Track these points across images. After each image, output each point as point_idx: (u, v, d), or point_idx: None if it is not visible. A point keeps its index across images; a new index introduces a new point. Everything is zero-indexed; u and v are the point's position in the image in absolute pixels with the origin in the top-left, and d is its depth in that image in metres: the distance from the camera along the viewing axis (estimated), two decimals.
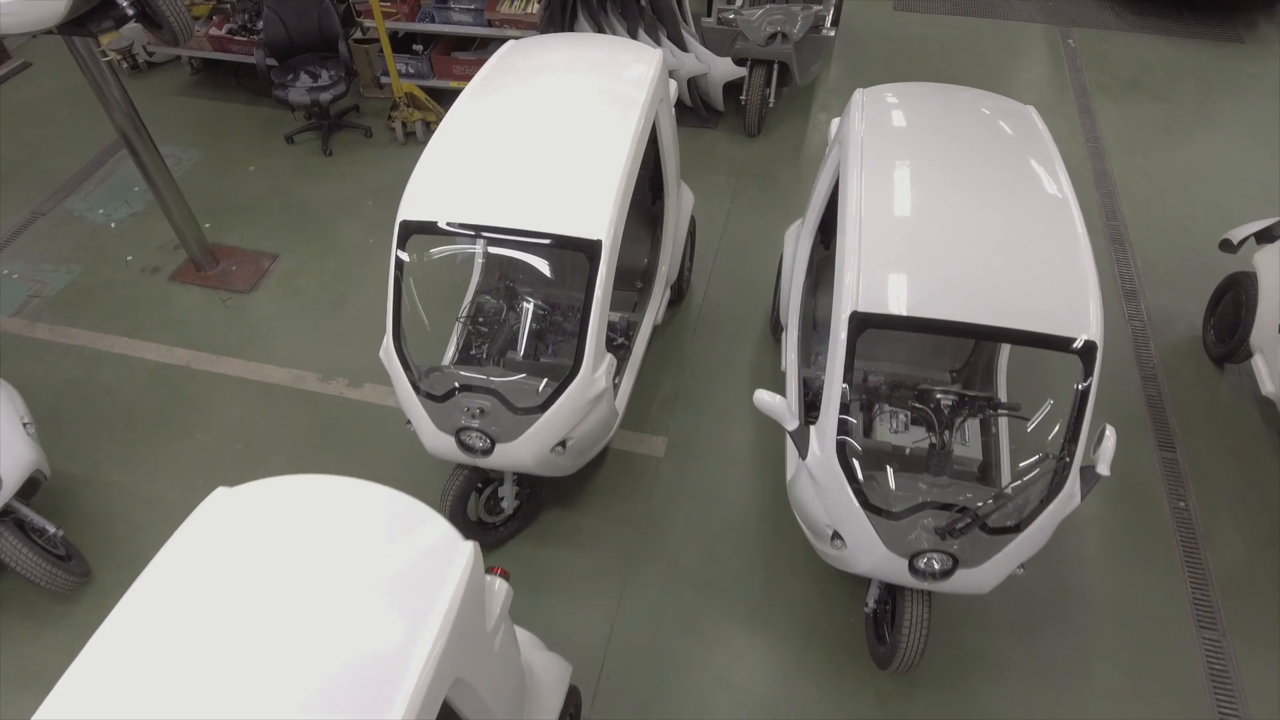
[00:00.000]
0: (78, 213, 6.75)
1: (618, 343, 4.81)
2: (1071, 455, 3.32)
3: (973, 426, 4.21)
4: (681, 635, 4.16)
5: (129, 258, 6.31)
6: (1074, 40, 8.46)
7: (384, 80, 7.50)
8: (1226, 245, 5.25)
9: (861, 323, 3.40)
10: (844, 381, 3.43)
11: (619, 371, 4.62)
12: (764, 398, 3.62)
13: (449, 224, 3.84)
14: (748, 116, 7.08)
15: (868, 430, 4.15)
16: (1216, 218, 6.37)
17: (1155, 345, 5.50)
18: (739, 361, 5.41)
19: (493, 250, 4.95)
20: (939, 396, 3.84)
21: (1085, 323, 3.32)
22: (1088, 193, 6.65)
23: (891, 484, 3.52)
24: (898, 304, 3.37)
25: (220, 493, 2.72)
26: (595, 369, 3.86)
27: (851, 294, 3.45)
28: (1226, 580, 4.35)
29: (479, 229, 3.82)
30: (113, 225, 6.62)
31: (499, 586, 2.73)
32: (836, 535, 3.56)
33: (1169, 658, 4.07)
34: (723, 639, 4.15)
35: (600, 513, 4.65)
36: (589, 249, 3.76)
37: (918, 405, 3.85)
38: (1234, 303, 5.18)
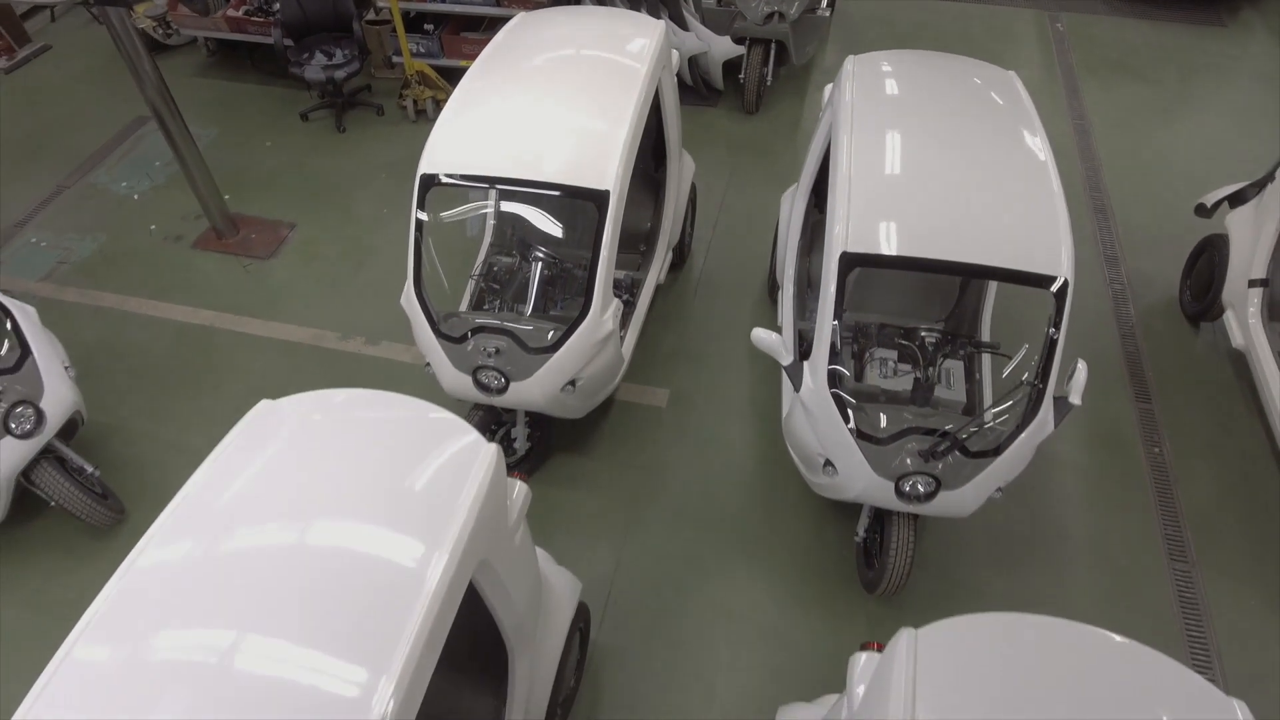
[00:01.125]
0: (101, 185, 7.01)
1: (623, 299, 5.07)
2: (1045, 382, 3.59)
3: (957, 371, 4.47)
4: (683, 568, 4.43)
5: (152, 227, 6.57)
6: (1062, 24, 8.73)
7: (395, 59, 7.76)
8: (1201, 210, 5.52)
9: (850, 262, 3.67)
10: (835, 318, 3.70)
11: (624, 324, 4.89)
12: (761, 335, 3.89)
13: (467, 176, 4.11)
14: (746, 94, 7.35)
15: (859, 376, 4.42)
16: (1196, 190, 6.63)
17: (1134, 306, 5.78)
18: (738, 322, 5.67)
19: (504, 208, 5.21)
20: (923, 334, 4.11)
21: (1057, 262, 3.59)
22: (1073, 167, 6.92)
23: (879, 417, 3.78)
24: (883, 245, 3.64)
25: (265, 404, 2.99)
26: (603, 312, 4.13)
27: (841, 238, 3.72)
28: (1197, 517, 4.62)
29: (495, 180, 4.08)
30: (135, 197, 6.88)
31: (519, 488, 3.00)
32: (828, 463, 3.82)
33: (1141, 586, 4.34)
34: (722, 571, 4.41)
35: (607, 458, 4.92)
36: (598, 198, 4.03)
37: (904, 342, 4.12)
38: (1208, 263, 5.45)
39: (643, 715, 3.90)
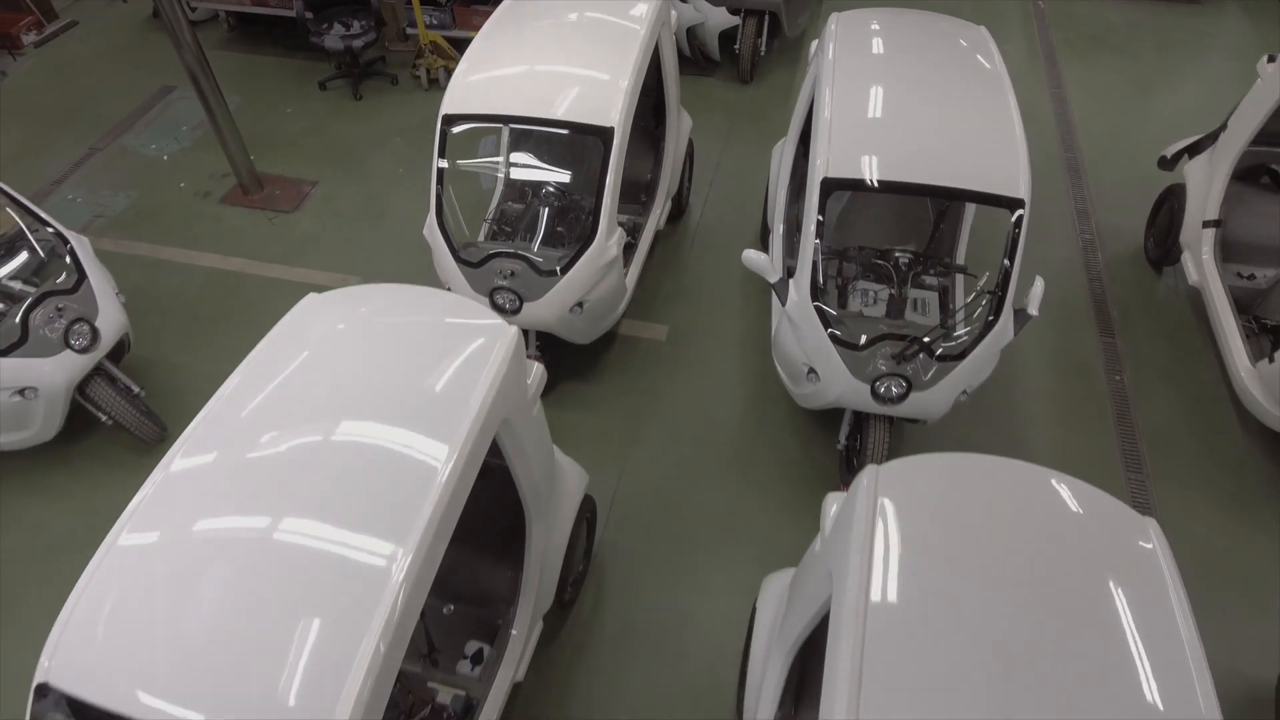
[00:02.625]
0: (131, 148, 7.42)
1: (626, 241, 5.48)
2: (1005, 290, 4.00)
3: (932, 301, 4.88)
4: (680, 478, 4.84)
5: (181, 184, 6.98)
6: (1043, 2, 9.14)
7: (410, 31, 8.18)
8: (1163, 162, 5.94)
9: (829, 186, 4.09)
10: (816, 237, 4.11)
11: (626, 261, 5.30)
12: (751, 255, 4.30)
13: (485, 115, 4.53)
14: (741, 64, 7.76)
15: (841, 305, 4.83)
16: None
17: (1102, 254, 6.19)
18: (732, 267, 6.09)
19: (516, 156, 5.62)
20: (897, 255, 4.52)
21: (1015, 185, 4.01)
22: (1049, 131, 7.33)
23: (856, 327, 4.19)
24: (858, 170, 4.06)
25: (311, 296, 3.41)
26: (608, 238, 4.54)
27: (822, 167, 4.14)
28: (1152, 435, 5.03)
29: (510, 119, 4.50)
30: (165, 158, 7.29)
31: (536, 368, 3.41)
32: (811, 371, 4.24)
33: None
34: (716, 481, 4.82)
35: (610, 384, 5.33)
36: (604, 134, 4.45)
37: (879, 262, 4.53)
38: (1169, 212, 5.86)
39: (643, 599, 4.31)
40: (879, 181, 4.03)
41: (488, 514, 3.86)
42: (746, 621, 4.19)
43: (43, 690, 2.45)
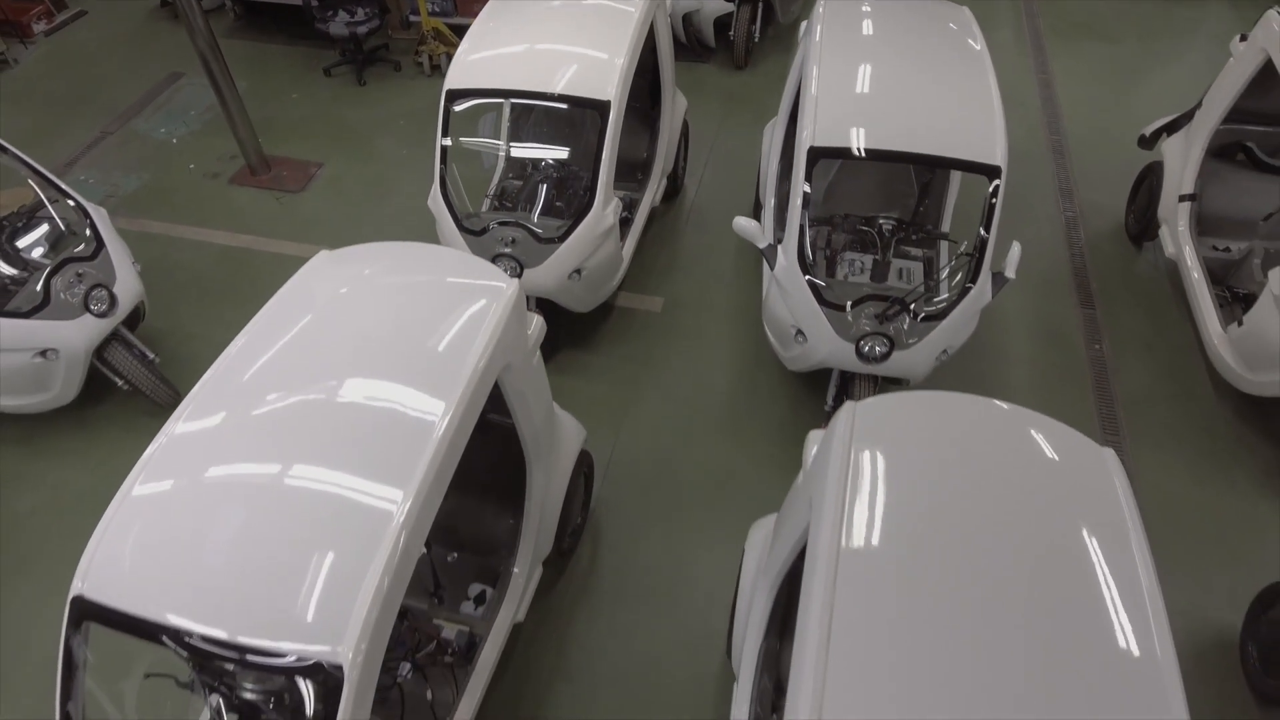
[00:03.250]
0: (141, 131, 7.61)
1: (623, 215, 5.67)
2: (982, 253, 4.20)
3: (916, 270, 5.07)
4: (674, 438, 5.04)
5: (191, 166, 7.18)
6: None
7: (413, 19, 8.38)
8: (1143, 140, 6.13)
9: (816, 155, 4.29)
10: (803, 204, 4.30)
11: (623, 234, 5.49)
12: (742, 222, 4.49)
13: (487, 90, 4.72)
14: (736, 50, 7.96)
15: (830, 274, 5.02)
16: None
17: (1084, 231, 6.39)
18: (726, 243, 6.28)
19: (517, 129, 5.82)
20: (881, 222, 4.72)
21: (992, 153, 4.21)
22: (1035, 116, 7.53)
23: (841, 288, 4.39)
24: (843, 140, 4.26)
25: (323, 254, 3.61)
26: (605, 206, 4.74)
27: (809, 137, 4.34)
28: (1129, 400, 5.23)
29: (511, 93, 4.70)
30: (174, 141, 7.49)
31: (535, 320, 3.61)
32: (799, 332, 4.43)
33: None
34: (709, 441, 5.02)
35: (608, 353, 5.53)
36: (601, 107, 4.64)
37: (864, 228, 4.73)
38: (1148, 189, 6.05)
39: (639, 551, 4.51)
40: (862, 150, 4.23)
41: (491, 468, 4.06)
42: (737, 572, 4.38)
43: (77, 602, 2.65)
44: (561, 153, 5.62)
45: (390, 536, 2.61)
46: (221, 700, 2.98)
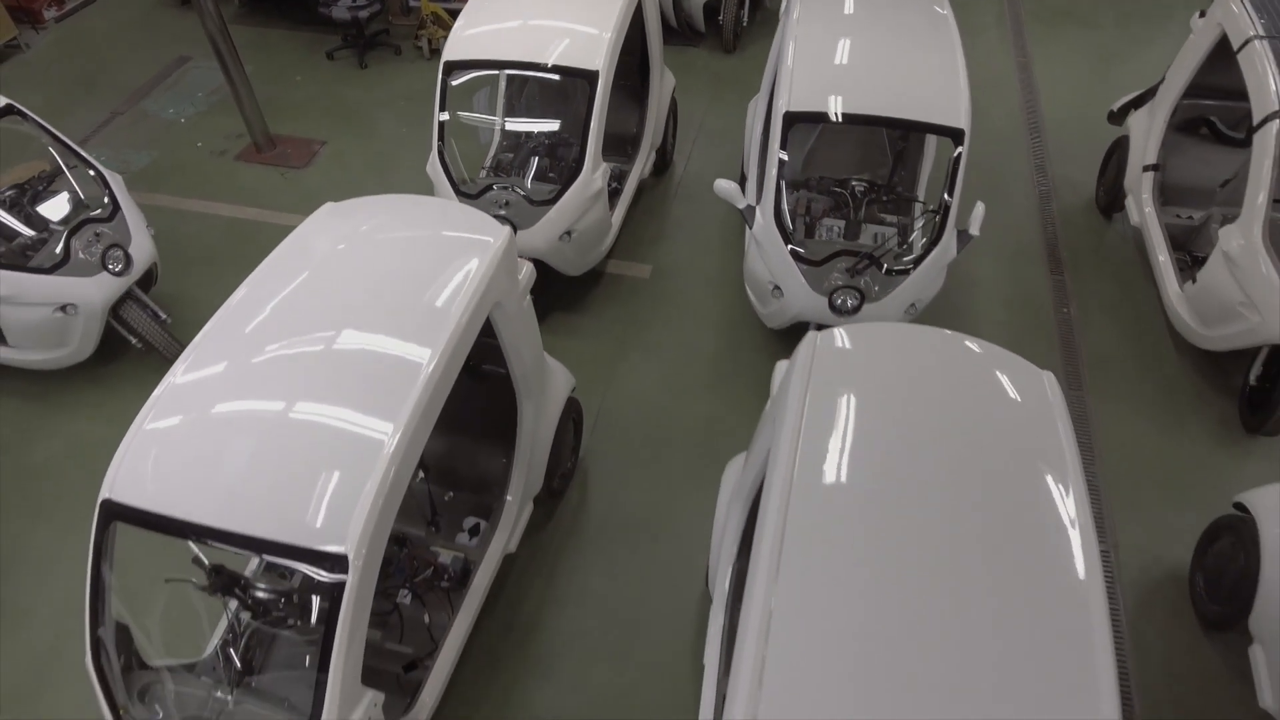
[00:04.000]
0: (150, 112, 7.89)
1: (612, 186, 5.95)
2: (947, 209, 4.47)
3: (891, 236, 5.34)
4: (660, 393, 5.31)
5: (199, 143, 7.46)
6: None
7: (412, 4, 8.65)
8: (1111, 116, 6.41)
9: (791, 119, 4.56)
10: (779, 167, 4.57)
11: (612, 203, 5.77)
12: (722, 184, 4.76)
13: (483, 61, 5.00)
14: (724, 35, 8.24)
15: (806, 213, 5.26)
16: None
17: (1057, 204, 6.66)
18: (712, 215, 6.55)
19: (511, 102, 6.10)
20: (854, 184, 4.99)
21: (957, 116, 4.48)
22: (1013, 96, 7.80)
23: (815, 246, 4.66)
24: (817, 105, 4.53)
25: (328, 205, 3.87)
26: (594, 170, 5.01)
27: (784, 104, 4.61)
28: (1095, 358, 5.50)
29: (505, 64, 4.97)
30: (182, 121, 7.77)
31: (526, 267, 3.87)
32: (776, 288, 4.70)
33: None
34: (693, 396, 5.29)
35: (597, 315, 5.80)
36: (589, 76, 4.92)
37: (837, 190, 5.00)
38: (1117, 162, 6.32)
39: (625, 496, 4.78)
40: (835, 114, 4.50)
41: (485, 413, 4.33)
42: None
43: (106, 505, 2.92)
44: (553, 125, 5.89)
45: (392, 443, 2.89)
46: (236, 602, 3.26)
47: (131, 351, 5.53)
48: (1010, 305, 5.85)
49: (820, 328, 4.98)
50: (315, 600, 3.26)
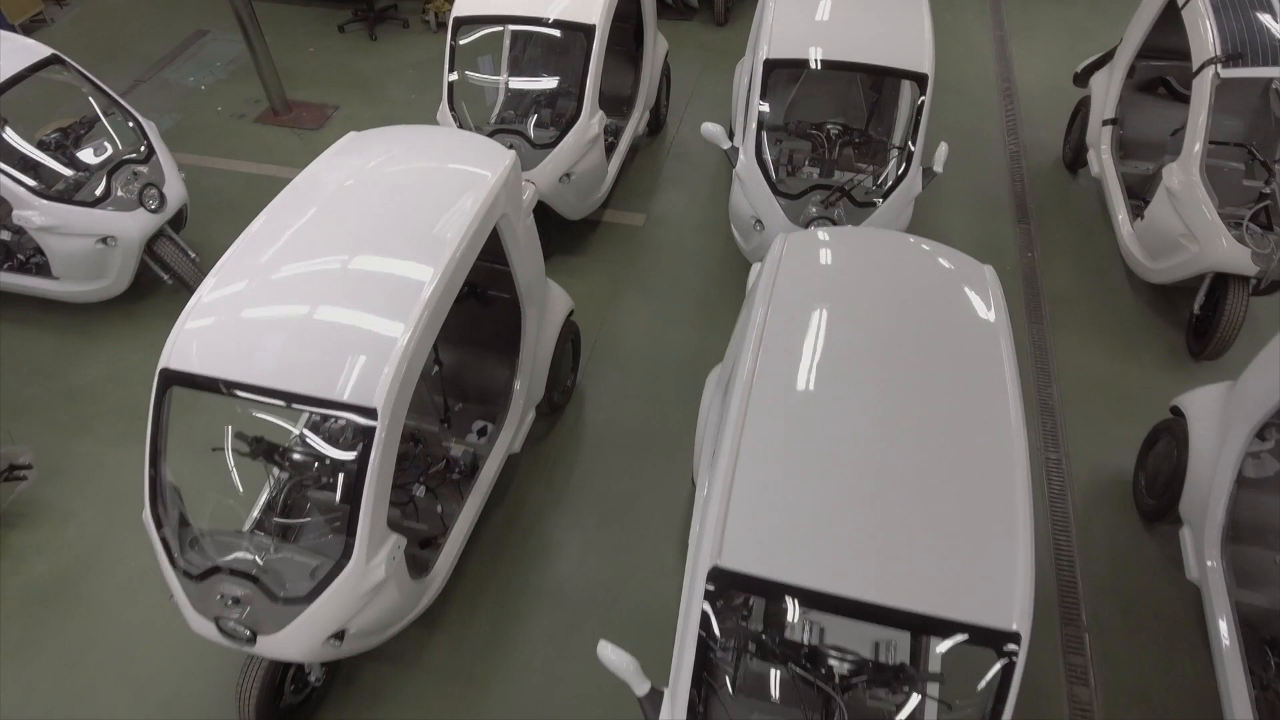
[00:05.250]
0: (172, 80, 8.33)
1: (609, 141, 6.38)
2: (914, 145, 4.90)
3: (866, 181, 5.76)
4: (653, 325, 5.74)
5: (219, 108, 7.89)
6: None
7: None
8: (1076, 78, 6.85)
9: (771, 66, 5.00)
10: (759, 106, 5.01)
11: (609, 157, 6.20)
12: (708, 126, 5.19)
13: (488, 17, 5.44)
14: (716, 8, 8.68)
15: (789, 161, 5.67)
16: None
17: (1026, 162, 7.10)
18: (703, 171, 6.99)
19: (514, 61, 6.54)
20: (829, 127, 5.42)
21: (921, 62, 4.92)
22: (989, 66, 8.24)
23: (792, 182, 5.09)
24: (793, 53, 4.97)
25: (351, 134, 4.31)
26: (591, 116, 5.45)
27: (764, 53, 5.05)
28: (1055, 296, 5.93)
29: (510, 19, 5.41)
30: (203, 88, 8.20)
31: (531, 187, 4.31)
32: (758, 221, 5.14)
33: None
34: (683, 328, 5.72)
35: (595, 257, 6.24)
36: (587, 30, 5.36)
37: (814, 132, 5.43)
38: (1081, 121, 6.76)
39: (619, 412, 5.21)
40: (813, 61, 4.94)
41: (493, 334, 4.76)
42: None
43: (164, 373, 3.35)
44: (553, 82, 6.33)
45: (415, 318, 3.33)
46: (277, 464, 3.69)
47: (162, 290, 5.96)
48: (979, 251, 6.28)
49: None
50: (341, 474, 3.70)
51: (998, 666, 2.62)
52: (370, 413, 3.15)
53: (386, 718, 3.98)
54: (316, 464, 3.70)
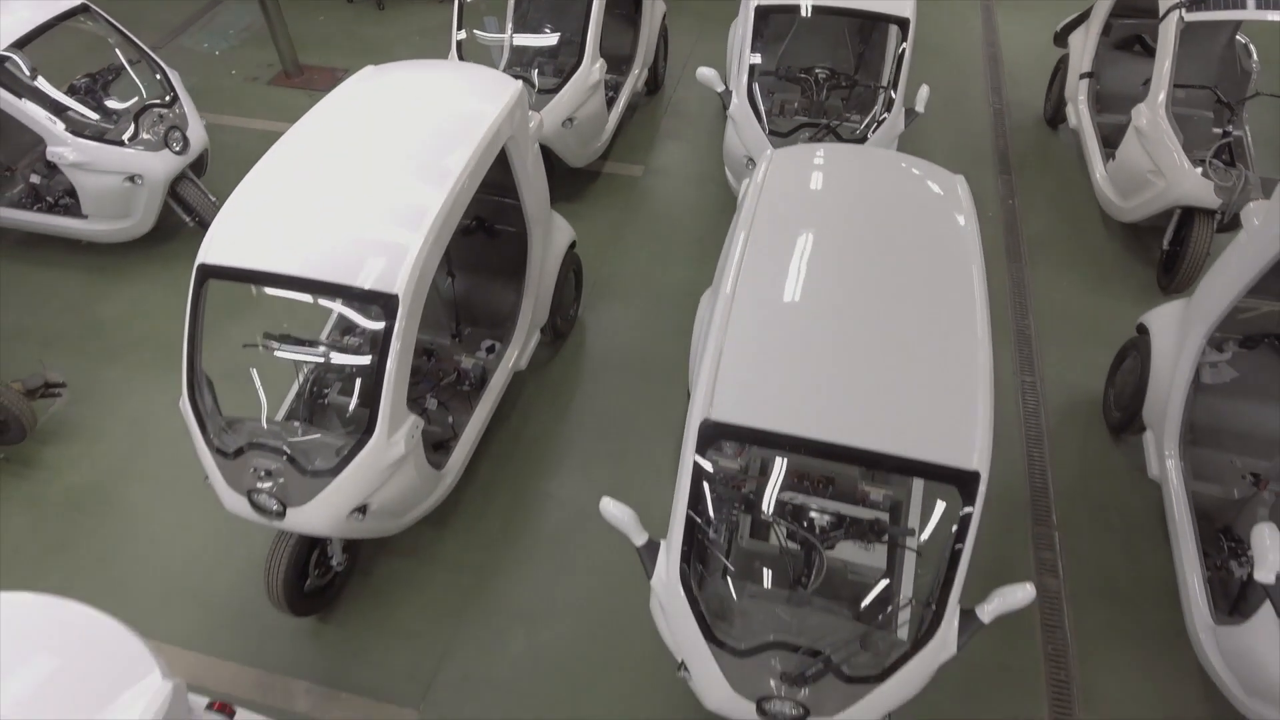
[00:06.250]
0: (187, 46, 8.63)
1: (609, 96, 6.68)
2: (895, 87, 5.20)
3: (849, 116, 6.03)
4: (650, 264, 6.04)
5: (233, 71, 8.19)
6: None
7: None
8: (1056, 37, 7.15)
9: (762, 11, 5.30)
10: (750, 52, 5.31)
11: (609, 109, 6.50)
12: (703, 71, 5.49)
13: None
14: None
15: (781, 111, 5.97)
16: None
17: (1009, 120, 7.40)
18: (699, 128, 7.30)
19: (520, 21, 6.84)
20: (817, 71, 5.72)
21: (903, 8, 5.22)
22: (977, 33, 8.55)
23: (786, 136, 5.39)
24: None
25: (368, 68, 4.61)
26: (592, 64, 5.76)
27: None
28: (1034, 239, 6.24)
29: None
30: (217, 54, 8.50)
31: (537, 116, 4.60)
32: (750, 160, 5.43)
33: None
34: (679, 264, 6.03)
35: (596, 203, 6.54)
36: None
37: (803, 76, 5.72)
38: (1061, 78, 7.06)
39: (619, 340, 5.51)
40: (802, 7, 5.24)
41: (500, 263, 5.06)
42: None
43: (202, 268, 3.65)
44: (554, 39, 6.63)
45: (433, 214, 3.63)
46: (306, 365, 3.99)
47: (184, 233, 6.26)
48: None
49: None
50: (365, 363, 3.99)
51: (963, 511, 2.92)
52: (392, 299, 3.44)
53: (402, 603, 4.27)
54: (343, 351, 4.00)
